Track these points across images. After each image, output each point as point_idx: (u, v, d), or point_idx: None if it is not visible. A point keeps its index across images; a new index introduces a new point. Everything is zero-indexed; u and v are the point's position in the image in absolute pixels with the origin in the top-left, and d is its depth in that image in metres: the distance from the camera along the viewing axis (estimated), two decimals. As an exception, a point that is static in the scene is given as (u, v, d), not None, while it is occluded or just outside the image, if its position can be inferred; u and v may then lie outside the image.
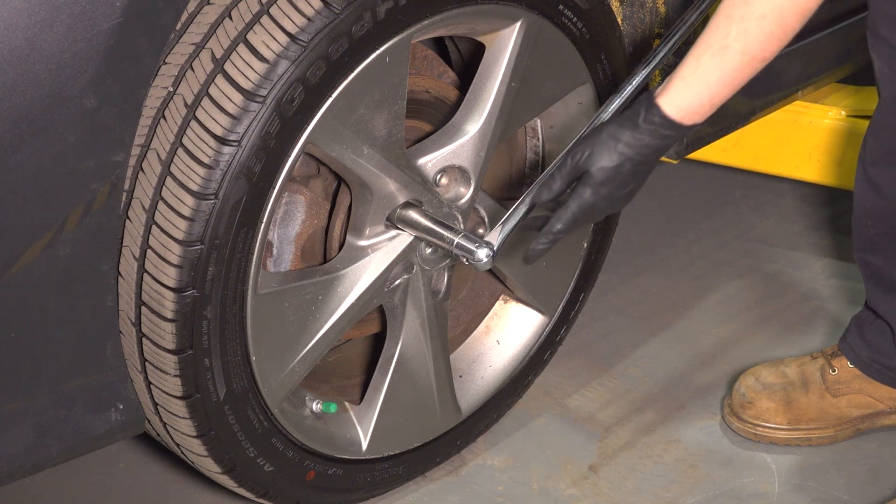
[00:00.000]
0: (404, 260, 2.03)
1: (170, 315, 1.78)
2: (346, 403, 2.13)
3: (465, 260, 1.96)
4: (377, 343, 2.20)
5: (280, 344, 1.93)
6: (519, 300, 2.34)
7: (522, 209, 1.92)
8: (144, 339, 1.82)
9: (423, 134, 2.09)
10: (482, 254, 1.93)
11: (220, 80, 1.74)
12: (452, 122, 2.05)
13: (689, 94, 1.76)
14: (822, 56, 2.57)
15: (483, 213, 2.14)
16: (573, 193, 1.84)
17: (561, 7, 2.05)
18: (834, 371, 2.35)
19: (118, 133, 1.70)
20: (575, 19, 2.09)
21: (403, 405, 2.14)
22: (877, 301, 2.30)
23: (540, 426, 2.40)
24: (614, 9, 2.20)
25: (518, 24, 2.01)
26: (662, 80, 1.80)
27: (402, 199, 1.98)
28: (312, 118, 1.80)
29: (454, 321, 2.31)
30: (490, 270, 2.19)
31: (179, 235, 1.75)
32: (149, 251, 1.77)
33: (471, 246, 1.94)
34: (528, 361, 2.34)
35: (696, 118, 1.78)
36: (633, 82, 1.93)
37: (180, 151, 1.74)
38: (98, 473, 2.26)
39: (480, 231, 2.15)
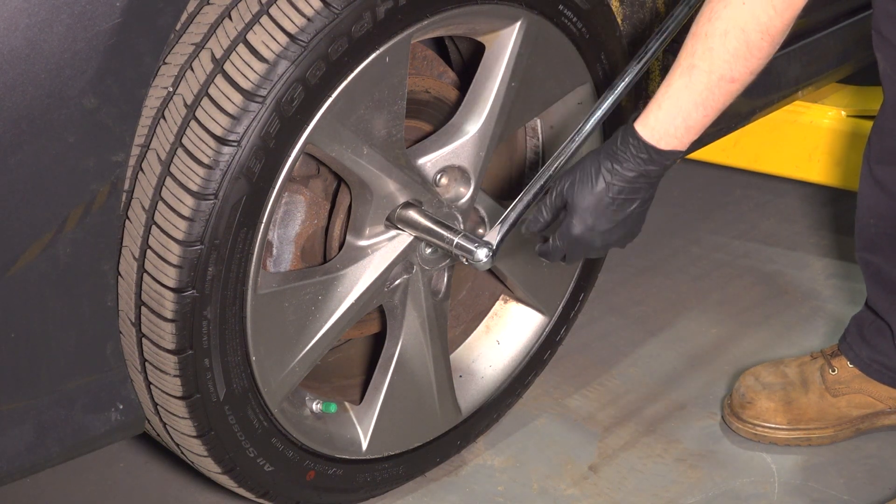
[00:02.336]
0: (404, 260, 2.03)
1: (169, 315, 1.78)
2: (346, 403, 2.13)
3: (464, 260, 1.96)
4: (377, 343, 2.20)
5: (280, 344, 1.93)
6: (519, 300, 2.34)
7: (520, 208, 1.92)
8: (144, 340, 1.82)
9: (423, 134, 2.09)
10: (481, 254, 1.94)
11: (219, 80, 1.74)
12: (452, 122, 2.05)
13: (660, 115, 1.75)
14: (822, 56, 2.57)
15: (483, 213, 2.14)
16: (561, 224, 1.85)
17: (561, 7, 2.05)
18: (834, 371, 2.35)
19: (118, 133, 1.70)
20: (575, 19, 2.09)
21: (403, 405, 2.14)
22: (877, 301, 2.30)
23: (540, 426, 2.40)
24: (614, 9, 2.20)
25: (518, 24, 2.01)
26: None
27: (401, 200, 1.98)
28: (312, 118, 1.80)
29: (454, 321, 2.31)
30: (490, 270, 2.19)
31: (179, 235, 1.75)
32: (148, 251, 1.77)
33: (470, 246, 1.95)
34: (528, 361, 2.34)
35: (673, 142, 1.76)
36: (626, 79, 1.92)
37: (180, 151, 1.74)
38: (98, 473, 2.26)
39: (480, 231, 2.15)
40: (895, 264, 2.25)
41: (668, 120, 1.74)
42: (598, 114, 1.90)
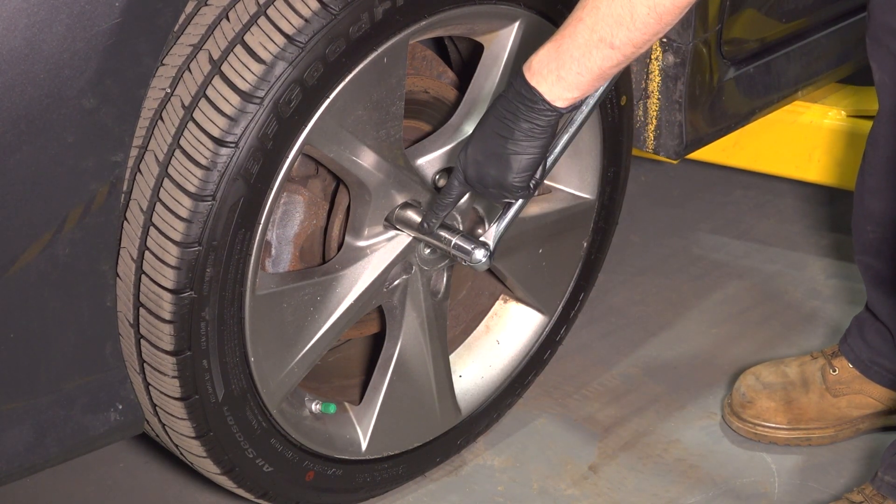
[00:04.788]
0: (403, 260, 2.03)
1: (168, 316, 1.78)
2: (346, 404, 2.13)
3: (462, 261, 1.97)
4: (376, 343, 2.20)
5: (278, 345, 1.93)
6: (519, 300, 2.33)
7: (517, 207, 1.92)
8: (143, 341, 1.82)
9: (422, 134, 2.09)
10: (479, 254, 1.94)
11: (217, 81, 1.74)
12: (451, 123, 2.05)
13: (540, 53, 1.73)
14: (822, 56, 2.56)
15: (482, 213, 2.14)
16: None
17: (560, 7, 2.05)
18: (834, 371, 2.35)
19: (117, 133, 1.70)
20: (574, 19, 2.08)
21: (403, 405, 2.14)
22: (877, 304, 2.30)
23: (540, 426, 2.40)
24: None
25: (517, 24, 2.01)
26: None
27: (400, 200, 1.98)
28: (310, 119, 1.80)
29: (454, 321, 2.31)
30: (489, 270, 2.19)
31: (177, 237, 1.75)
32: (147, 253, 1.77)
33: (468, 246, 1.95)
34: (528, 361, 2.34)
35: (543, 86, 1.73)
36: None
37: (178, 153, 1.74)
38: (98, 473, 2.26)
39: (479, 231, 2.15)
40: (894, 268, 2.25)
41: (545, 58, 1.72)
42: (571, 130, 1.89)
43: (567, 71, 1.71)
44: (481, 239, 1.95)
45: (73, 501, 2.21)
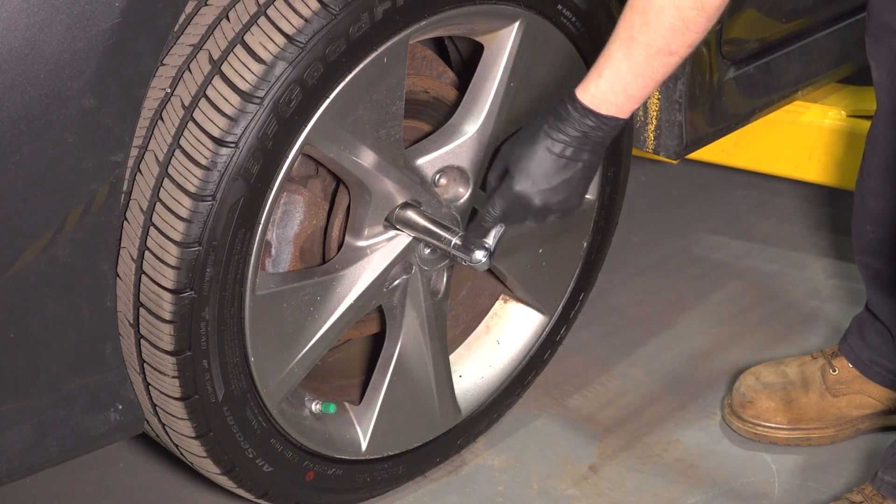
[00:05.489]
0: (403, 260, 2.03)
1: (168, 316, 1.78)
2: (346, 404, 2.13)
3: (462, 261, 1.97)
4: (376, 343, 2.20)
5: (278, 345, 1.93)
6: (519, 300, 2.33)
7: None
8: (143, 341, 1.82)
9: (422, 134, 2.09)
10: (479, 255, 1.94)
11: (217, 81, 1.74)
12: (451, 123, 2.05)
13: (600, 83, 1.77)
14: (822, 56, 2.56)
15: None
16: (501, 185, 1.86)
17: (560, 7, 2.05)
18: (834, 371, 2.35)
19: (117, 133, 1.70)
20: (574, 19, 2.08)
21: (403, 405, 2.14)
22: (877, 304, 2.30)
23: (540, 426, 2.40)
24: (614, 9, 2.19)
25: (517, 24, 2.01)
26: None
27: (400, 200, 1.98)
28: (310, 119, 1.80)
29: (454, 321, 2.31)
30: (489, 270, 2.18)
31: (177, 237, 1.75)
32: (147, 253, 1.77)
33: (468, 247, 1.95)
34: (528, 361, 2.34)
35: (613, 109, 1.78)
36: None
37: (178, 153, 1.74)
38: (98, 473, 2.26)
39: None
40: (894, 268, 2.25)
41: (609, 88, 1.77)
42: None
43: (635, 88, 1.76)
44: (482, 239, 1.95)
45: (73, 501, 2.21)
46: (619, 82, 1.76)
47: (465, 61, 2.21)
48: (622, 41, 1.74)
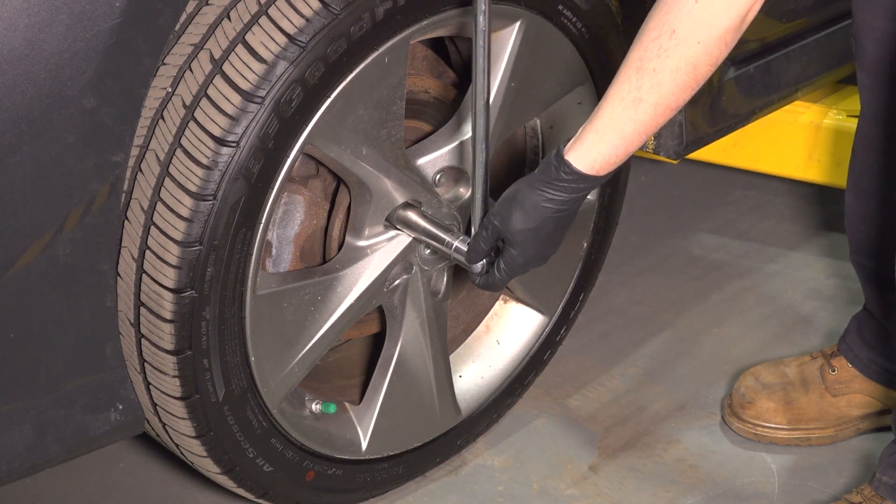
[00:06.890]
0: (403, 260, 2.03)
1: (168, 316, 1.78)
2: (346, 404, 2.13)
3: (463, 264, 1.97)
4: (377, 343, 2.20)
5: (279, 344, 1.93)
6: (519, 300, 2.33)
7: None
8: (143, 340, 1.82)
9: (423, 134, 2.09)
10: (479, 267, 1.94)
11: (218, 80, 1.74)
12: (452, 123, 2.05)
13: (602, 147, 1.75)
14: (822, 56, 2.57)
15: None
16: (503, 255, 1.87)
17: (560, 7, 2.05)
18: (834, 371, 2.35)
19: (118, 133, 1.70)
20: (574, 19, 2.08)
21: (403, 405, 2.14)
22: (874, 303, 2.30)
23: (540, 426, 2.40)
24: (614, 9, 2.19)
25: (517, 24, 2.01)
26: None
27: (401, 200, 1.98)
28: (311, 119, 1.80)
29: (454, 321, 2.31)
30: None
31: (178, 236, 1.75)
32: (147, 252, 1.77)
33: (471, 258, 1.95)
34: (528, 361, 2.34)
35: (611, 168, 1.77)
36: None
37: (179, 152, 1.74)
38: (98, 473, 2.26)
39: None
40: (888, 267, 2.25)
41: (611, 150, 1.75)
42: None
43: (635, 145, 1.75)
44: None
45: (73, 501, 2.21)
46: (622, 143, 1.74)
47: (465, 61, 2.21)
48: (628, 103, 1.71)
